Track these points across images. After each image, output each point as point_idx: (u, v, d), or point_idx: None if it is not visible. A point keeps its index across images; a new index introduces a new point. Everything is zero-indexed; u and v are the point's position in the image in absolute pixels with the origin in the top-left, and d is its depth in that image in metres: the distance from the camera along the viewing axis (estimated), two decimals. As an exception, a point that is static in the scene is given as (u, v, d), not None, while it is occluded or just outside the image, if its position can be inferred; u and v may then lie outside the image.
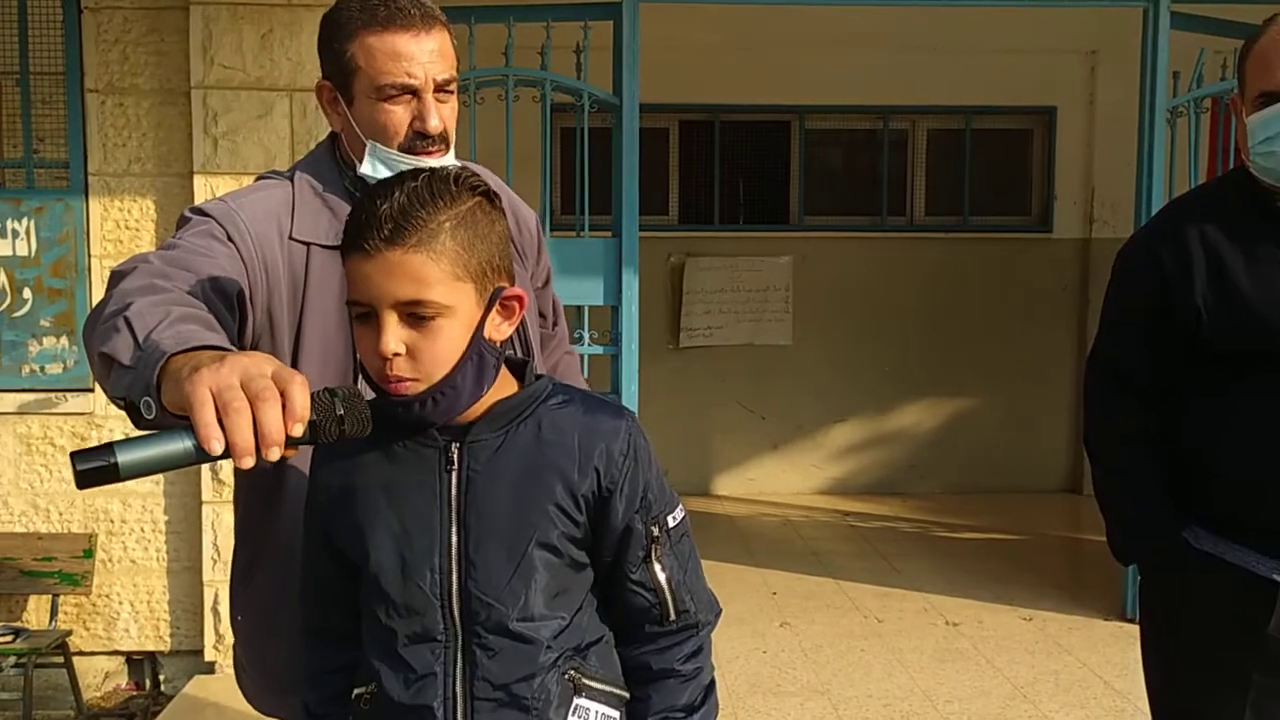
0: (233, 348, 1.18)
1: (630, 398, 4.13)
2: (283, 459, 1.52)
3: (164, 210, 3.88)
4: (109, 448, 0.99)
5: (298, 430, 1.01)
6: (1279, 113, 1.69)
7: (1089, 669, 3.93)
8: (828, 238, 6.83)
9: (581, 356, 4.07)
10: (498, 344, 1.24)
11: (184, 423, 1.01)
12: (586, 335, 4.11)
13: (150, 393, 1.10)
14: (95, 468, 0.99)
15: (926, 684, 3.80)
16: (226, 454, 0.99)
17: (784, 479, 6.92)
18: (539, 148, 4.14)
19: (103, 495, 3.96)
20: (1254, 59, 1.75)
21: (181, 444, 1.00)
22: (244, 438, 0.97)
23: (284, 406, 1.00)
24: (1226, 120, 4.48)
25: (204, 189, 3.72)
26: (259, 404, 0.98)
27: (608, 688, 1.30)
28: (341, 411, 1.08)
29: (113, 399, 1.18)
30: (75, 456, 0.99)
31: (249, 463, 0.98)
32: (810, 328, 6.80)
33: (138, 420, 1.13)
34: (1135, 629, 1.99)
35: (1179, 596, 1.84)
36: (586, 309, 4.14)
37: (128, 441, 1.01)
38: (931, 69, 6.44)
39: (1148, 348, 1.84)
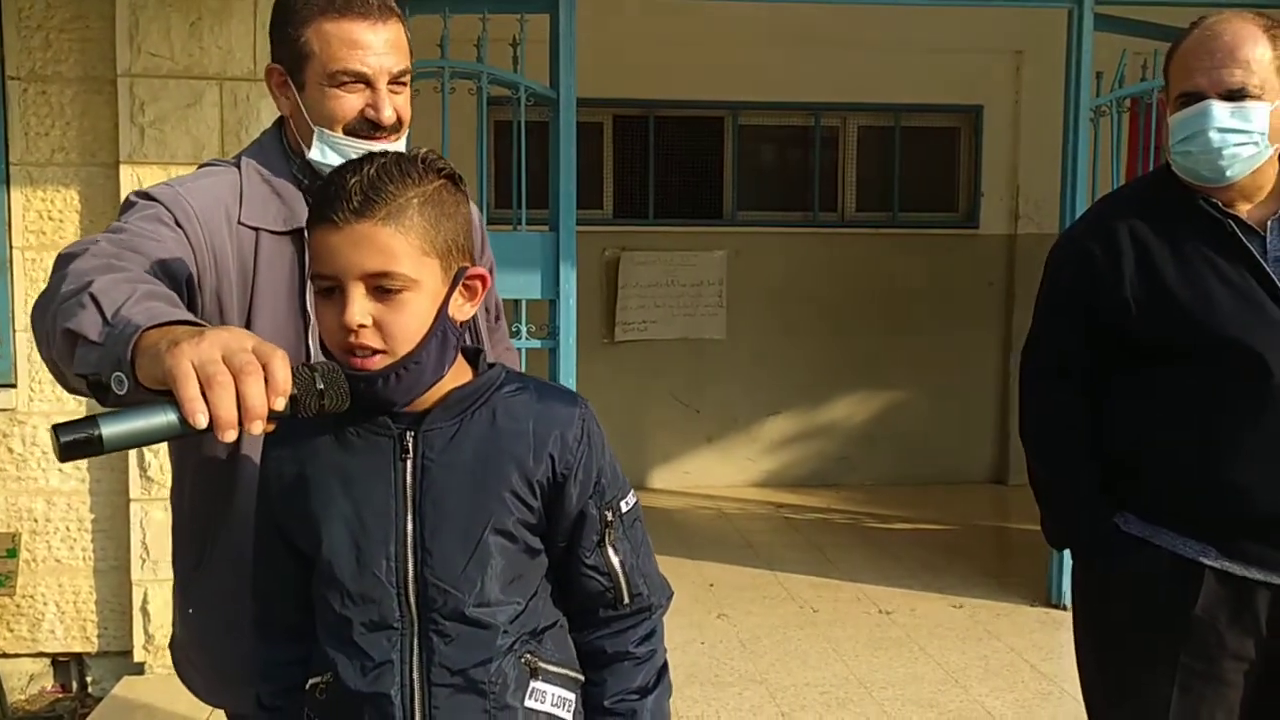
0: (205, 323, 1.18)
1: (568, 391, 4.13)
2: (237, 446, 1.52)
3: (88, 201, 3.78)
4: (93, 420, 1.00)
5: (279, 404, 1.03)
6: (1194, 114, 1.75)
7: (1017, 653, 4.03)
8: (761, 233, 6.90)
9: (520, 350, 4.08)
10: (459, 324, 1.25)
11: (159, 397, 1.02)
12: (524, 329, 4.10)
13: (123, 368, 1.09)
14: (78, 439, 0.99)
15: (861, 671, 3.87)
16: (209, 428, 1.00)
17: (719, 472, 6.97)
18: (475, 140, 4.12)
19: (26, 494, 3.86)
20: (1177, 61, 1.80)
21: (165, 417, 1.01)
22: (228, 411, 0.99)
23: (266, 381, 1.01)
24: (1147, 120, 4.62)
25: (130, 179, 3.63)
26: (242, 378, 1.00)
27: (564, 670, 1.31)
28: (322, 386, 1.10)
29: (73, 378, 1.17)
30: (58, 429, 1.00)
31: (231, 436, 1.00)
32: (744, 322, 6.86)
33: (103, 397, 1.13)
34: (1061, 614, 2.06)
35: (1110, 580, 1.89)
36: (524, 303, 4.12)
37: (110, 414, 1.01)
38: (862, 67, 6.53)
39: (1080, 342, 1.89)
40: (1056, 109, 4.57)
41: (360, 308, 1.16)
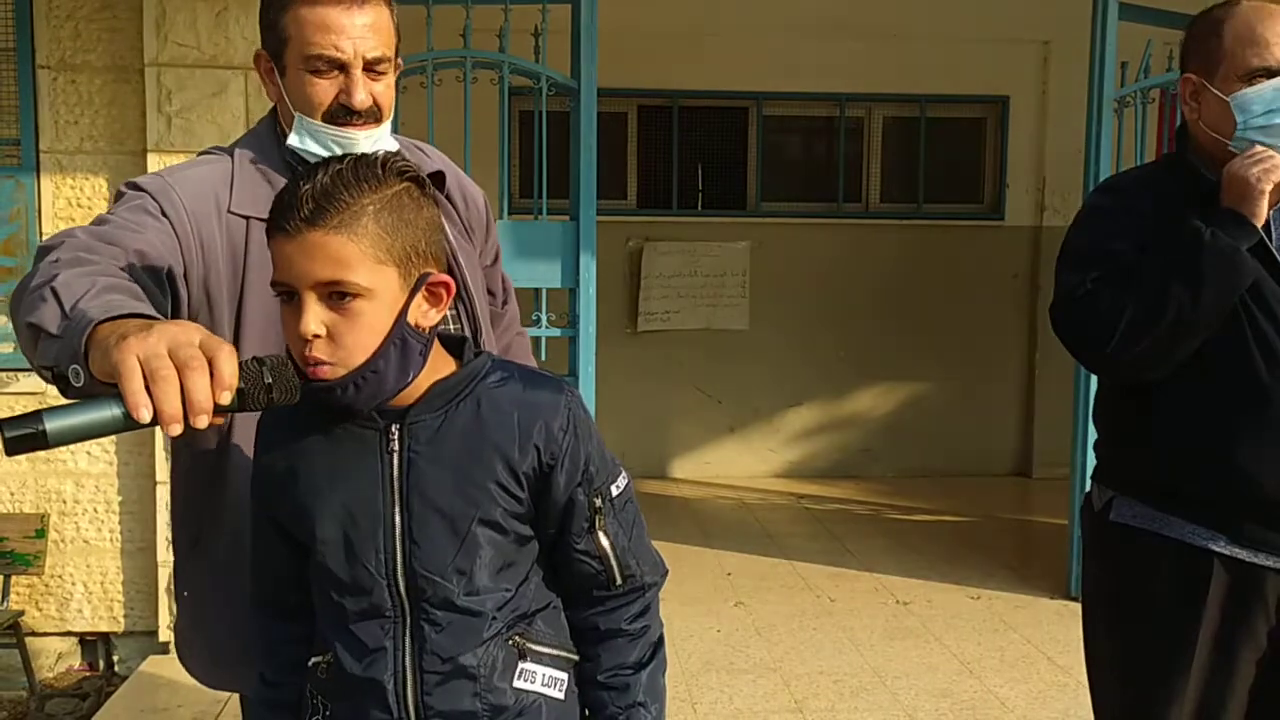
0: (160, 316, 1.19)
1: (587, 380, 4.16)
2: (228, 435, 1.53)
3: (117, 188, 3.85)
4: (37, 415, 1.00)
5: (225, 398, 1.03)
6: None
7: (1033, 645, 4.02)
8: (785, 223, 6.89)
9: (539, 339, 4.11)
10: (424, 330, 1.23)
11: (113, 391, 1.02)
12: (544, 318, 4.13)
13: (78, 361, 1.10)
14: (23, 435, 1.00)
15: (876, 661, 3.88)
16: (154, 422, 1.00)
17: (740, 462, 6.98)
18: (497, 130, 4.15)
19: (55, 475, 3.94)
20: (1237, 38, 1.76)
21: (110, 411, 1.01)
22: (172, 406, 0.99)
23: (212, 375, 1.01)
24: (1173, 110, 4.57)
25: (157, 167, 3.68)
26: (186, 372, 0.99)
27: (555, 651, 1.34)
28: (269, 380, 1.09)
29: (39, 369, 1.19)
30: (3, 424, 1.00)
31: (177, 430, 1.00)
32: (767, 313, 6.85)
33: (65, 389, 1.14)
34: (1079, 606, 2.05)
35: (1122, 569, 1.89)
36: (544, 292, 4.15)
37: (56, 409, 1.01)
38: (887, 57, 6.51)
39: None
40: (1083, 100, 4.52)
41: (314, 317, 1.16)
